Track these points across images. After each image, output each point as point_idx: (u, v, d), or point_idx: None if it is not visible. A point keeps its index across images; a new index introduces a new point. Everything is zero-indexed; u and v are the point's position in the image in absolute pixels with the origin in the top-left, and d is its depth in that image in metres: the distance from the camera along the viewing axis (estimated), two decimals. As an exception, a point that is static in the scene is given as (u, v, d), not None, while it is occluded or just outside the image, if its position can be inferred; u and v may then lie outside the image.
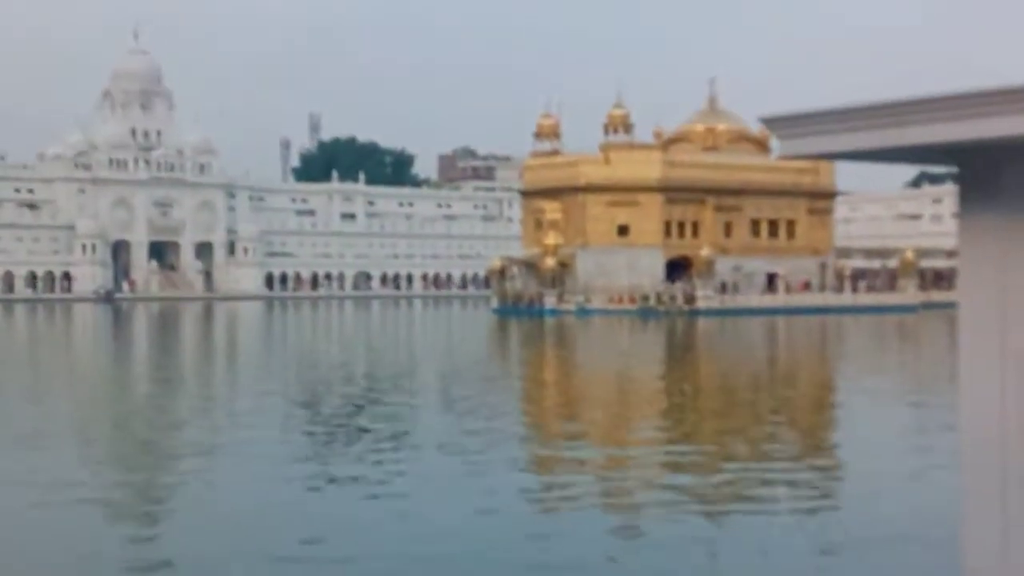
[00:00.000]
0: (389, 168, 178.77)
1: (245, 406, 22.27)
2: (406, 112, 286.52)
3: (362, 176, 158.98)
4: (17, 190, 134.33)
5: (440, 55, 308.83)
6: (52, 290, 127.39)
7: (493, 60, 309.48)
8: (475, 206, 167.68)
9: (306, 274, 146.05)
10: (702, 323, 62.80)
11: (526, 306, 77.05)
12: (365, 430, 18.35)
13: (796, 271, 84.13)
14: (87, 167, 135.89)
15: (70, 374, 32.39)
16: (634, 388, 26.95)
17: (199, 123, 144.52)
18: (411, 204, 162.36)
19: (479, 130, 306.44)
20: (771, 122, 2.17)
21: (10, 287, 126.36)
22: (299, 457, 15.52)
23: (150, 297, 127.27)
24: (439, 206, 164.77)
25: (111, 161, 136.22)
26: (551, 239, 79.85)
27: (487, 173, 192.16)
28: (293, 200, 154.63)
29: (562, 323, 63.29)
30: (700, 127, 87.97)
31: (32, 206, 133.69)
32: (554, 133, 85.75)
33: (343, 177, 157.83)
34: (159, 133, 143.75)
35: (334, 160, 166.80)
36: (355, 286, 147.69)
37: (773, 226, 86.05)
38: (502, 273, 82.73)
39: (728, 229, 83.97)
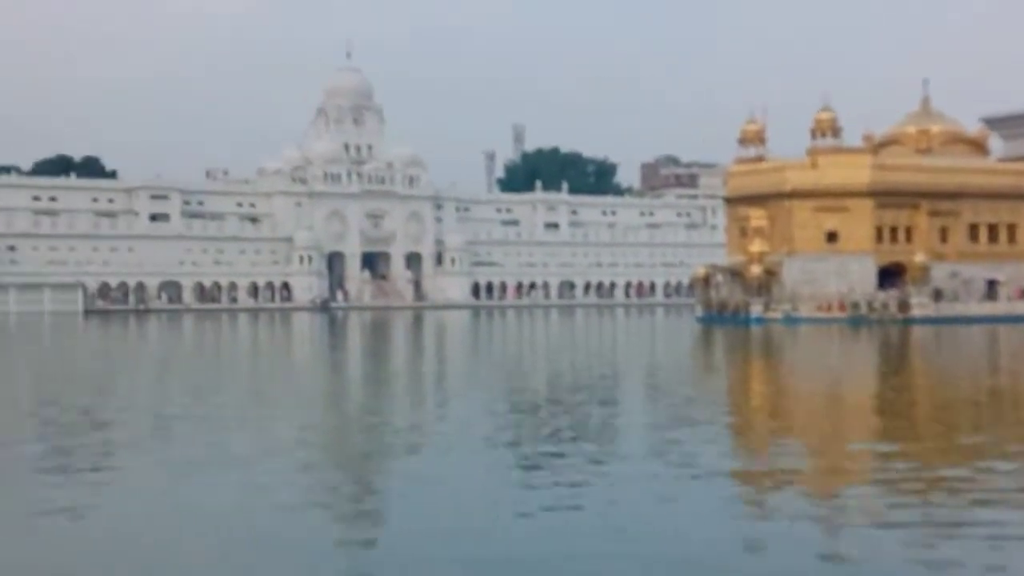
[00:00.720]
0: (592, 177, 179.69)
1: (469, 411, 22.81)
2: (608, 121, 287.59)
3: (565, 186, 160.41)
4: (239, 204, 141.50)
5: (641, 63, 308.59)
6: (272, 299, 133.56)
7: (695, 66, 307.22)
8: (678, 214, 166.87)
9: (511, 283, 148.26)
10: (918, 332, 60.55)
11: (731, 314, 76.24)
12: (579, 438, 18.30)
13: (1019, 277, 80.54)
14: (303, 181, 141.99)
15: (312, 377, 33.70)
16: (875, 400, 25.43)
17: (407, 137, 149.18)
18: (614, 213, 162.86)
19: (682, 137, 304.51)
20: (994, 122, 2.38)
21: (233, 297, 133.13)
22: (514, 465, 15.95)
23: (363, 306, 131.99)
24: (642, 214, 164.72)
25: (326, 175, 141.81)
26: (756, 246, 78.81)
27: (690, 180, 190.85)
28: (498, 210, 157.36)
29: (770, 332, 62.20)
30: (912, 129, 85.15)
31: (253, 219, 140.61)
32: (759, 138, 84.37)
33: (546, 187, 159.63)
34: (370, 147, 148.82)
35: (537, 170, 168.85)
36: (560, 295, 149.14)
37: (993, 231, 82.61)
38: (706, 281, 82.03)
39: (944, 234, 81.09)
